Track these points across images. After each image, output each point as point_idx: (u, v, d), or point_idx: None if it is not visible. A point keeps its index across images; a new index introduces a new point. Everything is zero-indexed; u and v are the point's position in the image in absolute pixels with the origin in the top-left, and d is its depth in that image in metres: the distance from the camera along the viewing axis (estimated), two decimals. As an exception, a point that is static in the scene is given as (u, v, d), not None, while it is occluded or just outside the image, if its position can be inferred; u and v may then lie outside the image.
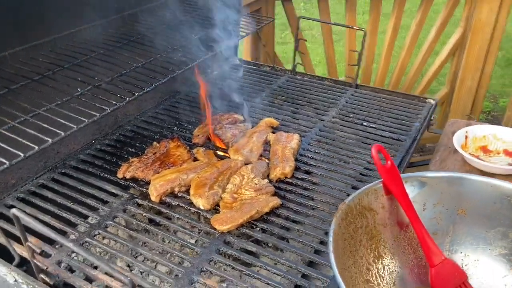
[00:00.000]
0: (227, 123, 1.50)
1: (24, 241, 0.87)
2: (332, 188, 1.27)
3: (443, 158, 1.41)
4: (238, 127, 1.49)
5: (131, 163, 1.32)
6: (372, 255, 0.97)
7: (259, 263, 1.04)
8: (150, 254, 1.05)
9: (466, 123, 1.55)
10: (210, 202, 1.18)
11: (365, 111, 1.63)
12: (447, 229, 1.00)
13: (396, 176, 0.96)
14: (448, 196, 0.98)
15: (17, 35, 1.27)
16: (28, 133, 1.05)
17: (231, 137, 1.44)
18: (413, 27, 2.99)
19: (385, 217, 0.99)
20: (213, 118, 1.55)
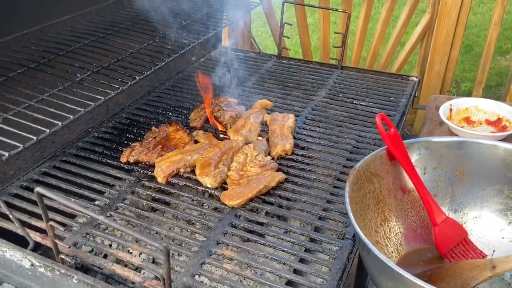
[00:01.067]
0: (223, 106, 1.53)
1: (46, 221, 0.87)
2: (331, 162, 1.32)
3: (430, 130, 1.50)
4: (234, 109, 1.52)
5: (133, 147, 1.33)
6: (379, 218, 1.03)
7: (271, 232, 1.08)
8: (165, 231, 1.07)
9: (448, 98, 1.65)
10: (218, 180, 1.21)
11: (353, 90, 1.70)
12: (447, 190, 1.08)
13: (399, 143, 1.02)
14: (446, 159, 1.06)
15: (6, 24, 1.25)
16: (35, 117, 1.04)
17: (229, 118, 1.47)
18: (383, 14, 3.10)
19: (390, 182, 1.05)
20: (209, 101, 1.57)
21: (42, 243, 1.04)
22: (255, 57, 2.02)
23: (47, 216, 0.87)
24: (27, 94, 1.11)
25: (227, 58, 1.91)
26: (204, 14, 1.73)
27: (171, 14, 1.68)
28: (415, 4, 3.11)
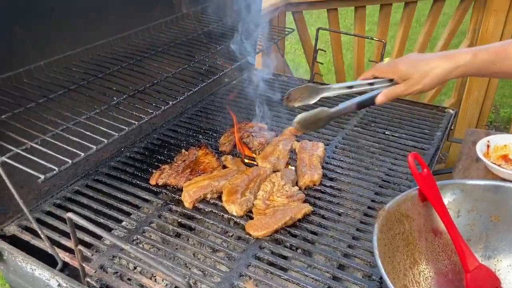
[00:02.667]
0: (253, 131, 1.53)
1: (75, 245, 0.89)
2: (360, 195, 1.30)
3: (466, 166, 1.45)
4: (263, 135, 1.53)
5: (162, 170, 1.35)
6: (408, 261, 1.00)
7: (294, 267, 1.07)
8: (188, 259, 1.08)
9: (485, 133, 1.59)
10: (243, 208, 1.21)
11: (386, 120, 1.67)
12: (481, 236, 1.03)
13: (432, 183, 0.99)
14: (482, 203, 1.02)
15: (49, 45, 1.31)
16: (72, 140, 1.07)
17: (258, 145, 1.48)
18: (421, 38, 3.05)
19: (421, 224, 1.02)
20: (239, 126, 1.58)
21: (70, 263, 1.06)
22: (287, 81, 2.02)
23: (77, 240, 0.90)
24: (65, 116, 1.15)
25: (259, 82, 1.92)
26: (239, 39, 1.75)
27: (206, 38, 1.72)
28: (455, 28, 3.04)
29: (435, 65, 1.06)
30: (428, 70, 1.07)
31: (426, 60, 1.08)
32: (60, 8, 1.29)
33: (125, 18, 1.55)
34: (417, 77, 1.08)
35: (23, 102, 1.18)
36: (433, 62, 1.07)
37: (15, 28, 1.19)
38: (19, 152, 1.02)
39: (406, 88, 1.10)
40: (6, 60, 1.20)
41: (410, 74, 1.09)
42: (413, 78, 1.08)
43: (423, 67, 1.07)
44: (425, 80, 1.07)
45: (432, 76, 1.06)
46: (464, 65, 1.05)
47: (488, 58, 1.03)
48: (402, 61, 1.12)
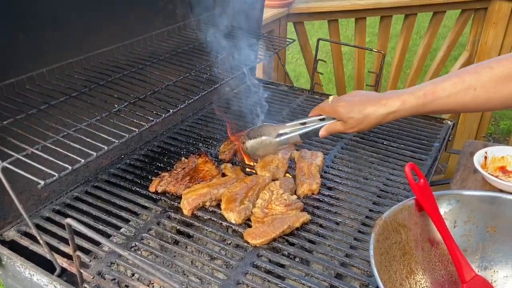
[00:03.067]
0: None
1: (73, 251, 0.90)
2: (358, 204, 1.30)
3: (463, 177, 1.45)
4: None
5: (162, 177, 1.36)
6: (405, 271, 1.00)
7: (291, 276, 1.07)
8: (186, 266, 1.08)
9: (483, 144, 1.60)
10: (242, 216, 1.22)
11: (385, 130, 1.68)
12: (477, 246, 1.04)
13: (428, 194, 1.00)
14: (478, 213, 1.02)
15: (52, 53, 1.32)
16: (73, 146, 1.08)
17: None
18: (421, 49, 3.08)
19: (418, 234, 1.02)
20: (239, 135, 1.59)
21: (68, 269, 1.07)
22: (287, 90, 2.04)
23: (75, 246, 0.90)
24: (66, 123, 1.16)
25: (259, 91, 1.93)
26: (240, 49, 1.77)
27: (207, 48, 1.74)
28: (455, 40, 3.07)
29: (370, 112, 1.15)
30: (362, 118, 1.17)
31: (362, 106, 1.17)
32: (63, 17, 1.31)
33: (127, 27, 1.58)
34: (353, 122, 1.19)
35: (24, 108, 1.19)
36: (368, 108, 1.15)
37: (18, 35, 1.21)
38: (20, 157, 1.03)
39: (345, 128, 1.23)
40: (8, 66, 1.21)
41: (347, 119, 1.20)
42: (350, 122, 1.19)
43: (358, 114, 1.17)
44: (361, 126, 1.19)
45: (366, 122, 1.17)
46: (396, 111, 1.12)
47: (417, 102, 1.09)
48: (342, 103, 1.21)
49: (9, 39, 1.19)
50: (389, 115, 1.14)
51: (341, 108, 1.20)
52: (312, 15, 2.72)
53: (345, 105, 1.20)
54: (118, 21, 1.53)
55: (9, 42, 1.19)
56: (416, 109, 1.10)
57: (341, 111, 1.20)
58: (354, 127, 1.20)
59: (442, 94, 1.05)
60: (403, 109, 1.11)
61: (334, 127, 1.25)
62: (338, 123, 1.24)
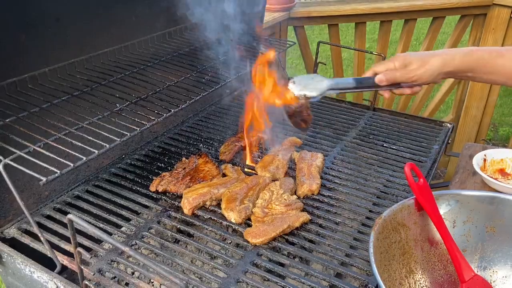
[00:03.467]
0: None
1: (74, 247, 0.90)
2: (357, 205, 1.31)
3: (462, 180, 1.46)
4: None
5: (162, 177, 1.37)
6: (404, 270, 1.01)
7: (291, 275, 1.07)
8: (186, 265, 1.09)
9: (482, 147, 1.61)
10: (242, 216, 1.22)
11: (384, 133, 1.69)
12: (476, 246, 1.04)
13: (428, 193, 1.01)
14: (477, 213, 1.03)
15: (54, 53, 1.33)
16: (74, 144, 1.09)
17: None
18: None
19: (417, 233, 1.03)
20: (238, 136, 1.60)
21: (68, 266, 1.07)
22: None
23: (76, 242, 0.90)
24: (68, 121, 1.17)
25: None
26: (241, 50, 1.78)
27: (209, 49, 1.75)
28: (454, 46, 3.09)
29: (434, 53, 1.17)
30: (426, 59, 1.16)
31: (426, 53, 1.18)
32: (66, 18, 1.32)
33: (129, 28, 1.59)
34: (415, 64, 1.16)
35: (27, 106, 1.20)
36: (432, 52, 1.17)
37: (21, 35, 1.22)
38: (22, 155, 1.04)
39: (404, 73, 1.18)
40: (11, 66, 1.22)
41: (409, 61, 1.17)
42: (412, 64, 1.17)
43: (422, 56, 1.17)
44: (423, 68, 1.16)
45: (429, 66, 1.15)
46: (460, 59, 1.13)
47: (482, 55, 1.13)
48: (400, 54, 1.21)
49: (12, 39, 1.20)
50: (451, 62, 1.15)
51: (403, 53, 1.21)
52: (312, 19, 2.73)
53: (407, 52, 1.21)
54: (120, 22, 1.54)
55: (12, 42, 1.20)
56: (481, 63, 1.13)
57: (402, 54, 1.20)
58: (414, 72, 1.17)
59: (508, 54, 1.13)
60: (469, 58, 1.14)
61: (393, 72, 1.19)
62: (398, 69, 1.19)
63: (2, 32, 1.16)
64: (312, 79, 1.22)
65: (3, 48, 1.18)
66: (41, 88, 1.27)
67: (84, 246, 1.11)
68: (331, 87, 1.22)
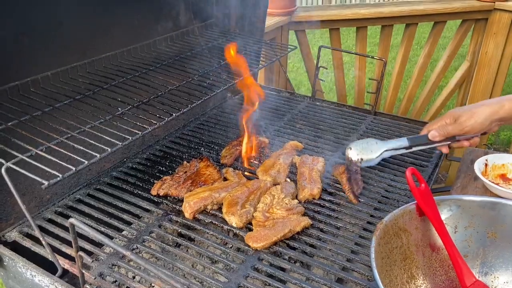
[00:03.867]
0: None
1: (76, 251, 0.90)
2: (359, 210, 1.31)
3: (464, 185, 1.46)
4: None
5: (164, 181, 1.37)
6: (405, 276, 1.01)
7: (292, 279, 1.07)
8: (187, 269, 1.08)
9: (484, 152, 1.61)
10: (243, 220, 1.22)
11: (386, 137, 1.69)
12: (478, 252, 1.04)
13: (429, 198, 1.01)
14: (479, 219, 1.03)
15: (56, 57, 1.34)
16: (76, 148, 1.09)
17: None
18: (421, 59, 3.10)
19: (418, 238, 1.03)
20: (239, 140, 1.60)
21: (69, 270, 1.07)
22: (289, 97, 2.05)
23: (78, 246, 0.90)
24: (70, 125, 1.17)
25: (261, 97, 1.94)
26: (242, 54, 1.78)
27: (210, 53, 1.75)
28: (455, 51, 3.10)
29: (481, 103, 1.29)
30: (474, 111, 1.28)
31: (475, 105, 1.30)
32: (68, 22, 1.33)
33: (131, 32, 1.59)
34: (465, 117, 1.29)
35: (29, 110, 1.20)
36: (480, 105, 1.29)
37: (24, 39, 1.22)
38: (24, 158, 1.04)
39: (456, 126, 1.31)
40: (14, 69, 1.23)
41: (459, 114, 1.30)
42: (462, 117, 1.30)
43: (471, 108, 1.29)
44: (472, 120, 1.28)
45: (477, 116, 1.28)
46: (507, 110, 1.25)
47: None
48: (452, 110, 1.34)
49: (15, 42, 1.20)
50: (498, 112, 1.26)
51: (454, 109, 1.34)
52: (313, 23, 2.74)
53: (458, 108, 1.33)
54: (122, 26, 1.55)
55: (15, 45, 1.21)
56: None
57: (453, 110, 1.33)
58: (465, 123, 1.29)
59: None
60: (502, 111, 1.25)
61: (446, 126, 1.33)
62: (449, 125, 1.33)
63: (5, 35, 1.17)
64: (367, 143, 1.39)
65: (5, 52, 1.19)
66: (43, 91, 1.27)
67: (85, 249, 1.11)
68: (386, 148, 1.38)
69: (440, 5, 2.85)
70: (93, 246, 1.13)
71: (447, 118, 1.34)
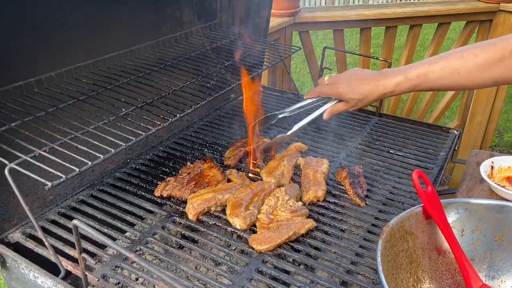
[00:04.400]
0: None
1: (79, 252, 0.90)
2: (363, 212, 1.30)
3: (469, 187, 1.45)
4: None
5: (167, 182, 1.36)
6: (411, 279, 1.00)
7: (297, 282, 1.06)
8: (191, 271, 1.08)
9: (489, 154, 1.60)
10: (247, 222, 1.21)
11: (390, 139, 1.68)
12: (485, 255, 1.03)
13: (436, 201, 1.00)
14: (486, 222, 1.02)
15: (60, 57, 1.33)
16: (79, 149, 1.09)
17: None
18: (426, 60, 3.08)
19: (425, 242, 1.01)
20: (243, 141, 1.59)
21: (72, 272, 1.06)
22: (293, 98, 2.04)
23: (81, 248, 0.90)
24: (73, 126, 1.16)
25: (265, 98, 1.94)
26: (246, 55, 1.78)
27: (214, 54, 1.75)
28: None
29: (368, 92, 1.24)
30: (362, 97, 1.26)
31: (361, 87, 1.25)
32: (72, 22, 1.32)
33: (135, 33, 1.59)
34: (353, 102, 1.28)
35: (32, 110, 1.20)
36: (366, 89, 1.24)
37: (27, 39, 1.22)
38: (27, 159, 1.04)
39: (347, 107, 1.32)
40: (17, 69, 1.22)
41: (348, 97, 1.28)
42: (351, 102, 1.29)
43: (358, 95, 1.26)
44: (360, 104, 1.28)
45: (366, 101, 1.27)
46: (392, 91, 1.22)
47: (410, 85, 1.19)
48: (342, 86, 1.29)
49: (18, 42, 1.20)
50: (385, 95, 1.24)
51: (342, 89, 1.29)
52: (317, 24, 2.73)
53: (345, 87, 1.28)
54: (126, 27, 1.54)
55: (18, 45, 1.20)
56: (409, 90, 1.21)
57: (341, 92, 1.29)
58: (355, 106, 1.30)
59: (432, 76, 1.15)
60: (398, 90, 1.21)
61: (336, 107, 1.33)
62: (340, 104, 1.33)
63: (8, 35, 1.17)
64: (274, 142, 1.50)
65: (9, 52, 1.18)
66: (47, 92, 1.27)
67: (89, 251, 1.11)
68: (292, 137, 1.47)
69: (444, 6, 2.83)
70: (96, 247, 1.12)
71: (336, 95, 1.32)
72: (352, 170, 1.42)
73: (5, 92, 1.18)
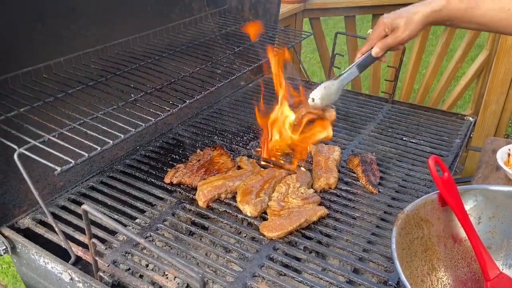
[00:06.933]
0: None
1: (89, 238, 0.89)
2: (376, 200, 1.27)
3: (485, 175, 1.41)
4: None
5: (177, 169, 1.35)
6: (426, 267, 0.97)
7: (308, 269, 1.05)
8: (201, 258, 1.07)
9: (506, 141, 1.56)
10: (258, 209, 1.20)
11: (404, 126, 1.65)
12: (502, 243, 1.00)
13: (452, 188, 0.97)
14: (504, 209, 0.99)
15: (69, 43, 1.32)
16: (89, 134, 1.07)
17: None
18: (438, 49, 3.02)
19: (440, 229, 0.99)
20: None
21: (83, 257, 1.06)
22: (304, 85, 2.01)
23: (91, 233, 0.89)
24: (83, 111, 1.15)
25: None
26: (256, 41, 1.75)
27: (224, 40, 1.72)
28: (473, 40, 3.01)
29: (415, 10, 1.23)
30: (410, 17, 1.23)
31: (407, 9, 1.25)
32: (81, 8, 1.30)
33: (144, 19, 1.57)
34: (402, 25, 1.25)
35: (42, 96, 1.19)
36: (413, 8, 1.24)
37: (37, 25, 1.21)
38: (37, 144, 1.03)
39: (395, 36, 1.27)
40: (26, 55, 1.21)
41: (396, 24, 1.26)
42: (400, 27, 1.25)
43: (405, 15, 1.24)
44: (410, 27, 1.24)
45: (414, 22, 1.23)
46: (440, 10, 1.19)
47: (460, 6, 1.17)
48: (386, 17, 1.28)
49: (28, 28, 1.19)
50: (433, 13, 1.21)
51: (387, 18, 1.27)
52: (328, 11, 2.68)
53: (391, 15, 1.28)
54: (135, 13, 1.52)
55: (28, 31, 1.19)
56: (458, 12, 1.18)
57: (387, 21, 1.27)
58: (404, 32, 1.25)
59: (482, 5, 1.14)
60: (446, 9, 1.19)
61: (385, 40, 1.29)
62: (387, 37, 1.29)
63: (18, 21, 1.15)
64: (327, 89, 1.33)
65: (18, 38, 1.17)
66: (56, 77, 1.26)
67: (99, 237, 1.10)
68: (343, 86, 1.35)
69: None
70: (107, 233, 1.11)
71: (384, 28, 1.29)
72: (365, 157, 1.39)
73: (14, 78, 1.17)
